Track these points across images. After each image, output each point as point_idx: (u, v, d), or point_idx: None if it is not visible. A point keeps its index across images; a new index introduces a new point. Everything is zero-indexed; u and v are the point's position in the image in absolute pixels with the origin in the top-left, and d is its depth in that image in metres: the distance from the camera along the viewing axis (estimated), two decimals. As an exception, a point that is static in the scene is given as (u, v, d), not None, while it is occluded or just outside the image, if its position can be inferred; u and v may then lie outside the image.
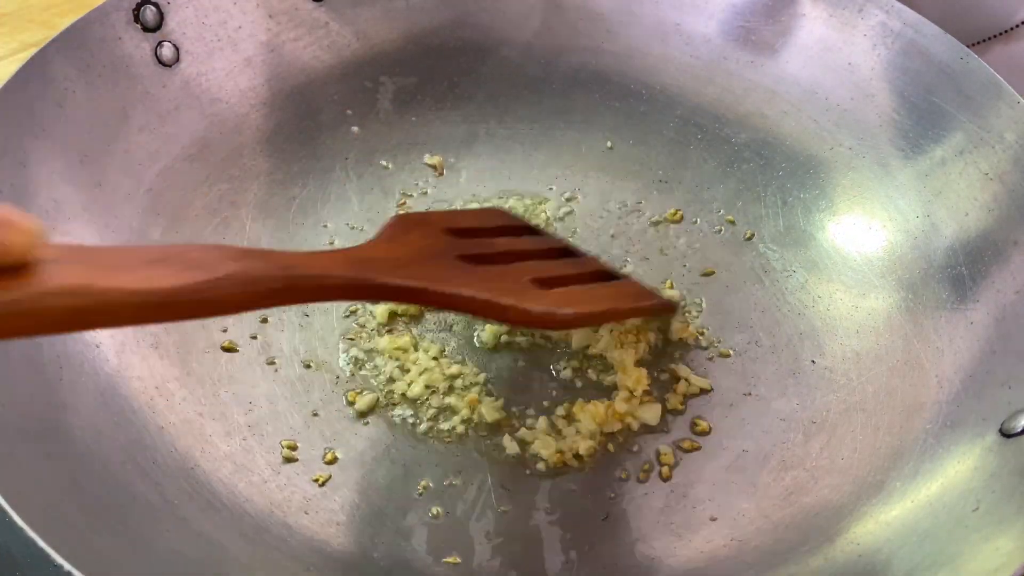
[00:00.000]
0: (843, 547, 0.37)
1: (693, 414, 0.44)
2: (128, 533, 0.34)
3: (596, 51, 0.56)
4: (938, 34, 0.48)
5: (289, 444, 0.42)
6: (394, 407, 0.44)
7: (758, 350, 0.46)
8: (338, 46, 0.54)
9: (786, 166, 0.52)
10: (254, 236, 0.49)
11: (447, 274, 0.36)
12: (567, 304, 0.38)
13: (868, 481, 0.39)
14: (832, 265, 0.49)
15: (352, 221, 0.51)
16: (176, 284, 0.26)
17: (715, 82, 0.54)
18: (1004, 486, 0.35)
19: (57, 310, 0.23)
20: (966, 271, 0.44)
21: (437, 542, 0.39)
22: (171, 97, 0.48)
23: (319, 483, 0.40)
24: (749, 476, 0.41)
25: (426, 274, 0.36)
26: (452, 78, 0.56)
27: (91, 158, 0.44)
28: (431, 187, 0.53)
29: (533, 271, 0.39)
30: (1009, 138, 0.44)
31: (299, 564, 0.37)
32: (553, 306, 0.37)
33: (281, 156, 0.52)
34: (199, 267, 0.27)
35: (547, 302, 0.37)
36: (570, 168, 0.54)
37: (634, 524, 0.40)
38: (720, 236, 0.51)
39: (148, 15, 0.47)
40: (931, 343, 0.43)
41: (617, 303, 0.42)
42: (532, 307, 0.37)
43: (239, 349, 0.45)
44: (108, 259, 0.25)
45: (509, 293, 0.37)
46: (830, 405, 0.43)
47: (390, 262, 0.35)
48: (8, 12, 0.64)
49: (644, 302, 0.44)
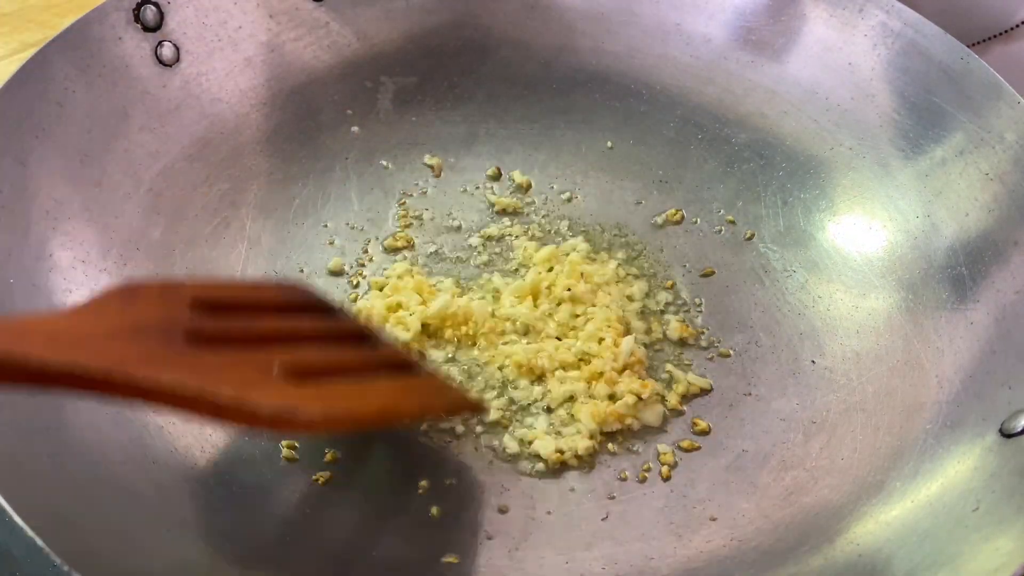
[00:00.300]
0: (843, 547, 0.37)
1: (693, 414, 0.44)
2: (128, 534, 0.34)
3: (596, 51, 0.56)
4: (938, 34, 0.48)
5: (289, 444, 0.42)
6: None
7: (758, 350, 0.46)
8: (338, 46, 0.54)
9: (786, 166, 0.52)
10: (254, 236, 0.49)
11: (153, 356, 0.27)
12: (319, 400, 0.29)
13: (868, 481, 0.39)
14: (832, 265, 0.49)
15: (352, 221, 0.51)
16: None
17: (715, 82, 0.54)
18: (1004, 486, 0.35)
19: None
20: (966, 271, 0.44)
21: (437, 542, 0.39)
22: (171, 97, 0.48)
23: (319, 483, 0.40)
24: (749, 476, 0.41)
25: (117, 354, 0.26)
26: (452, 78, 0.56)
27: (91, 158, 0.44)
28: (431, 187, 0.53)
29: (289, 356, 0.31)
30: (1009, 138, 0.44)
31: (299, 564, 0.37)
32: (294, 404, 0.28)
33: (281, 156, 0.52)
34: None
35: (291, 398, 0.29)
36: (570, 168, 0.54)
37: (634, 524, 0.40)
38: (720, 236, 0.51)
39: (148, 15, 0.47)
40: (931, 343, 0.43)
41: (396, 400, 0.34)
42: (260, 406, 0.27)
43: (239, 349, 0.45)
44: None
45: (234, 384, 0.28)
46: (830, 405, 0.43)
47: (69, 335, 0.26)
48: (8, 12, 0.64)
49: (436, 400, 0.37)
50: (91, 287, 0.42)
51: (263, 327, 0.33)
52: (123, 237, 0.45)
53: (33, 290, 0.40)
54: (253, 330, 0.32)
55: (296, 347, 0.33)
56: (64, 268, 0.42)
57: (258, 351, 0.31)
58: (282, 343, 0.33)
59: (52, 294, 0.41)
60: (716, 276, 0.50)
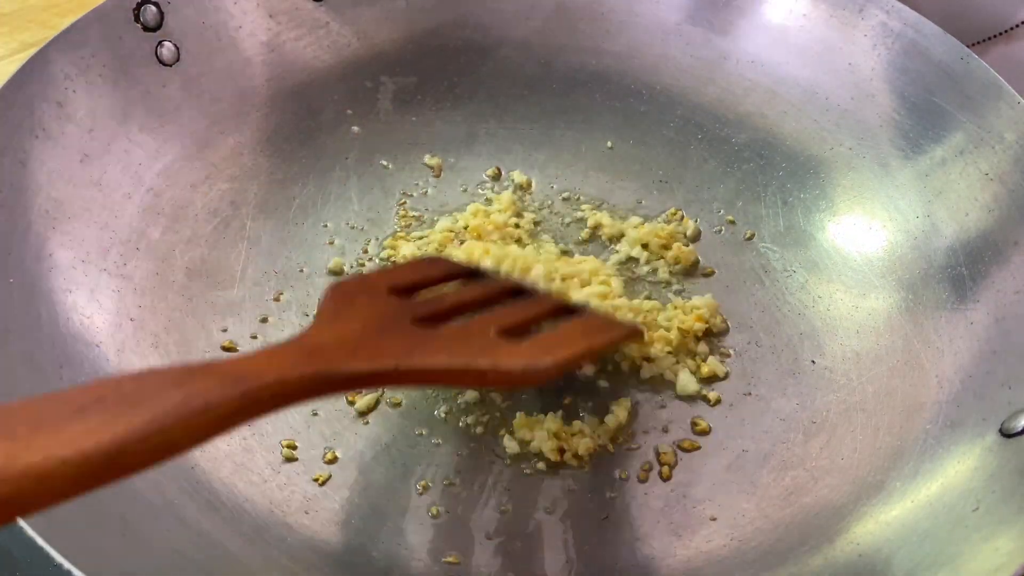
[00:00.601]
0: (843, 547, 0.37)
1: (693, 414, 0.44)
2: (128, 533, 0.34)
3: (596, 51, 0.56)
4: (938, 34, 0.48)
5: (289, 443, 0.42)
6: (395, 406, 0.44)
7: (758, 350, 0.46)
8: (338, 46, 0.54)
9: (786, 166, 0.52)
10: (254, 236, 0.49)
11: (409, 344, 0.32)
12: (545, 353, 0.34)
13: (868, 481, 0.39)
14: (832, 265, 0.49)
15: (352, 221, 0.51)
16: (117, 435, 0.21)
17: (715, 82, 0.54)
18: (1004, 486, 0.35)
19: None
20: (966, 271, 0.44)
21: (437, 542, 0.39)
22: (171, 97, 0.48)
23: (319, 483, 0.40)
24: (749, 476, 0.41)
25: (387, 350, 0.31)
26: (452, 78, 0.56)
27: (91, 158, 0.45)
28: (431, 187, 0.53)
29: (497, 321, 0.35)
30: (1009, 138, 0.44)
31: (299, 564, 0.37)
32: (532, 359, 0.33)
33: (281, 156, 0.52)
34: (138, 404, 0.22)
35: (524, 355, 0.33)
36: (570, 168, 0.54)
37: (634, 524, 0.40)
38: (720, 236, 0.51)
39: (148, 15, 0.47)
40: (931, 343, 0.43)
41: (590, 340, 0.37)
42: (511, 365, 0.32)
43: (239, 349, 0.45)
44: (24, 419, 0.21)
45: (482, 353, 0.33)
46: (830, 405, 0.43)
47: (346, 345, 0.31)
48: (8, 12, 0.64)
49: (613, 333, 0.40)
50: (91, 287, 0.42)
51: (459, 299, 0.37)
52: (123, 237, 0.45)
53: (33, 290, 0.40)
54: (451, 303, 0.36)
55: (491, 311, 0.37)
56: (64, 268, 0.42)
57: (469, 320, 0.35)
58: (478, 309, 0.37)
59: (52, 294, 0.41)
60: (716, 276, 0.50)
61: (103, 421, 0.21)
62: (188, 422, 0.23)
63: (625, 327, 0.40)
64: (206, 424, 0.24)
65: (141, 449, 0.22)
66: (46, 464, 0.20)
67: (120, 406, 0.22)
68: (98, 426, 0.21)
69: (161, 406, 0.23)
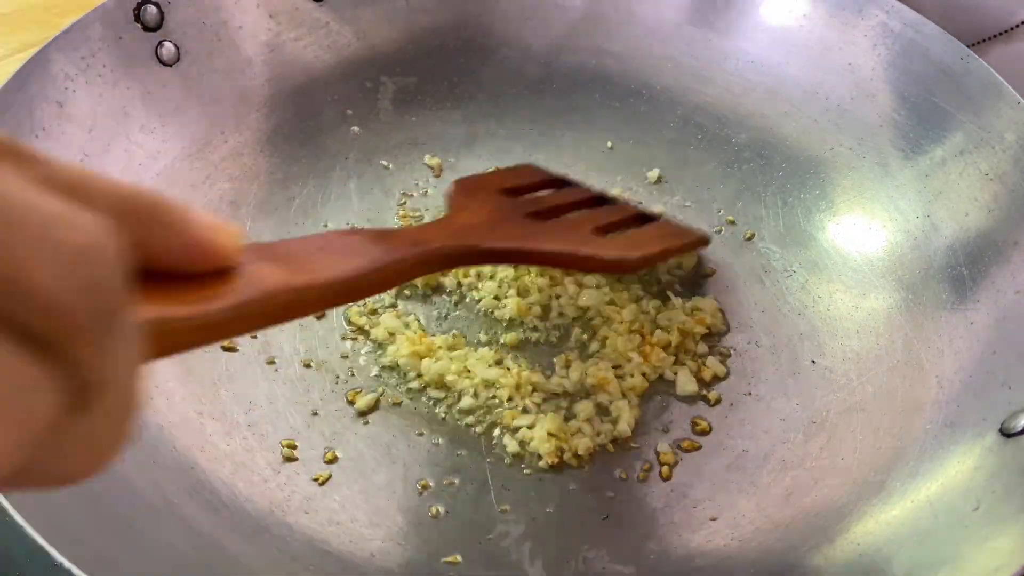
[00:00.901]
0: (843, 547, 0.37)
1: (693, 414, 0.44)
2: (128, 533, 0.34)
3: (596, 51, 0.56)
4: (938, 34, 0.48)
5: (289, 443, 0.42)
6: (395, 406, 0.44)
7: (758, 350, 0.46)
8: (338, 46, 0.54)
9: (786, 166, 0.52)
10: (254, 236, 0.49)
11: (527, 232, 0.39)
12: (632, 249, 0.41)
13: (868, 481, 0.39)
14: (832, 265, 0.49)
15: (352, 221, 0.51)
16: (350, 271, 0.27)
17: (715, 82, 0.54)
18: (1004, 486, 0.35)
19: (262, 312, 0.23)
20: (966, 271, 0.44)
21: (437, 542, 0.39)
22: (171, 97, 0.48)
23: (319, 483, 0.40)
24: (749, 476, 0.41)
25: (512, 235, 0.38)
26: (452, 78, 0.56)
27: (91, 158, 0.44)
28: (431, 187, 0.53)
29: (590, 221, 0.42)
30: (1009, 138, 0.44)
31: (299, 564, 0.37)
32: (623, 251, 0.40)
33: (281, 156, 0.52)
34: (357, 254, 0.28)
35: (616, 248, 0.41)
36: (570, 168, 0.54)
37: (634, 524, 0.40)
38: (720, 236, 0.51)
39: (148, 15, 0.47)
40: (931, 343, 0.43)
41: (667, 242, 0.44)
42: (606, 254, 0.40)
43: (239, 348, 0.45)
44: (286, 254, 0.25)
45: (583, 244, 0.40)
46: (830, 405, 0.43)
47: (481, 227, 0.38)
48: (8, 12, 0.64)
49: (686, 239, 0.46)
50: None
51: (556, 199, 0.44)
52: (123, 237, 0.45)
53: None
54: (552, 203, 0.43)
55: (583, 211, 0.44)
56: (64, 268, 0.42)
57: (569, 218, 0.42)
58: (572, 210, 0.43)
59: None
60: (716, 276, 0.50)
61: (335, 260, 0.27)
62: (389, 268, 0.30)
63: (695, 234, 0.47)
64: (398, 272, 0.31)
65: (361, 284, 0.28)
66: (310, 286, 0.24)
67: (344, 253, 0.28)
68: (336, 264, 0.26)
69: (372, 254, 0.29)
